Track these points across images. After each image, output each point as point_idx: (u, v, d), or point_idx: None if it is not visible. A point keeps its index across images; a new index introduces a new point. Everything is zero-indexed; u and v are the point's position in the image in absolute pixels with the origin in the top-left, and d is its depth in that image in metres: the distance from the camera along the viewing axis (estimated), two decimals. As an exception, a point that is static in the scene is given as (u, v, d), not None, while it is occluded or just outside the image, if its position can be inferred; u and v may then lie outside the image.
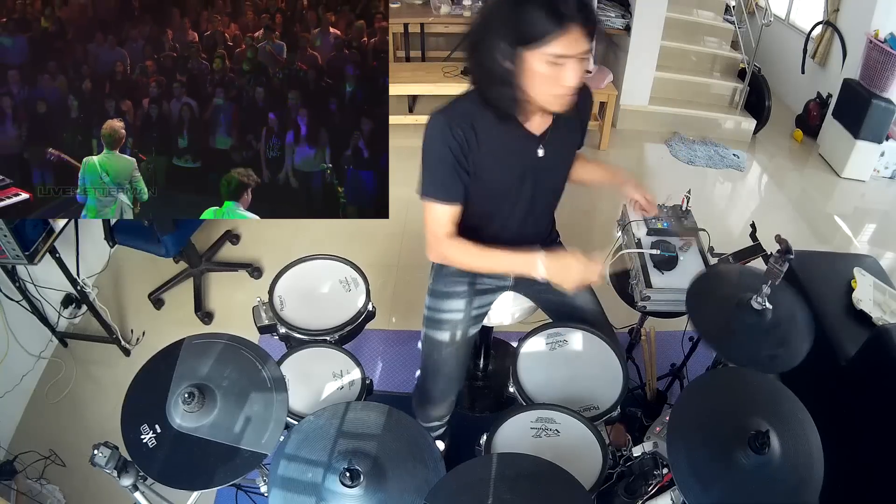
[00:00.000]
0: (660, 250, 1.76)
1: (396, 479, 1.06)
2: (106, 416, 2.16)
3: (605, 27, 3.84)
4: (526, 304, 1.70)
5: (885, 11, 3.51)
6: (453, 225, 1.36)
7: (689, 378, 2.07)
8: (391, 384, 2.33)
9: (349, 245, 2.83)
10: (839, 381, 1.84)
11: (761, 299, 1.40)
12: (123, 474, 1.14)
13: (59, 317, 2.43)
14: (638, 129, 4.18)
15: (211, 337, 1.26)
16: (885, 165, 3.80)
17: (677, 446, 1.07)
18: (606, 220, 3.20)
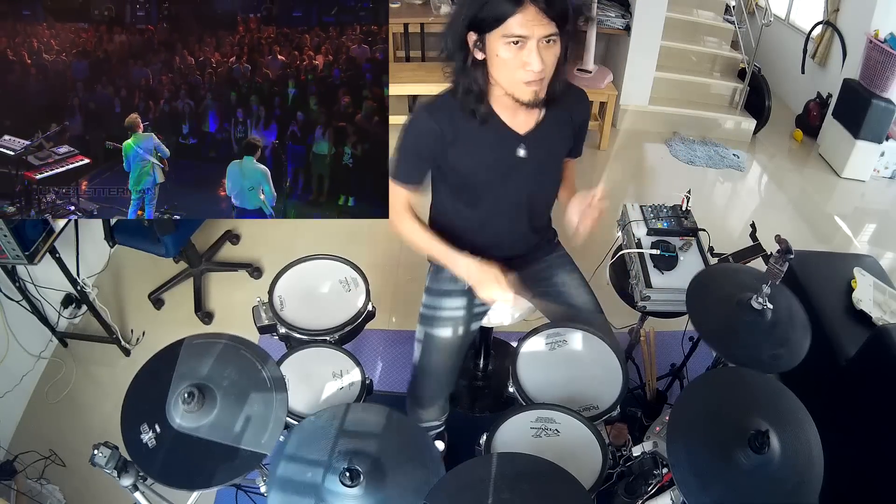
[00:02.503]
0: (660, 250, 1.76)
1: (396, 480, 1.06)
2: (106, 416, 2.17)
3: (605, 27, 3.84)
4: (526, 305, 1.70)
5: (885, 11, 3.51)
6: (408, 203, 1.43)
7: (689, 378, 2.07)
8: (391, 384, 2.33)
9: (349, 245, 2.82)
10: (839, 381, 1.84)
11: (761, 299, 1.40)
12: (123, 474, 1.14)
13: (59, 317, 2.43)
14: (638, 129, 4.17)
15: (211, 337, 1.26)
16: (885, 165, 3.80)
17: (677, 446, 1.07)
18: (606, 220, 3.20)
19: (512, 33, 1.15)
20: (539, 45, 1.16)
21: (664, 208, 1.91)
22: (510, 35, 1.15)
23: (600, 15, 3.79)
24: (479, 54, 1.22)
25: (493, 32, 1.16)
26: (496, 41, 1.17)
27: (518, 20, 1.13)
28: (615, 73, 3.94)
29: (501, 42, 1.17)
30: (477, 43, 1.21)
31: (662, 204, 1.92)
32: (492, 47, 1.19)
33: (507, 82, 1.23)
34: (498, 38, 1.17)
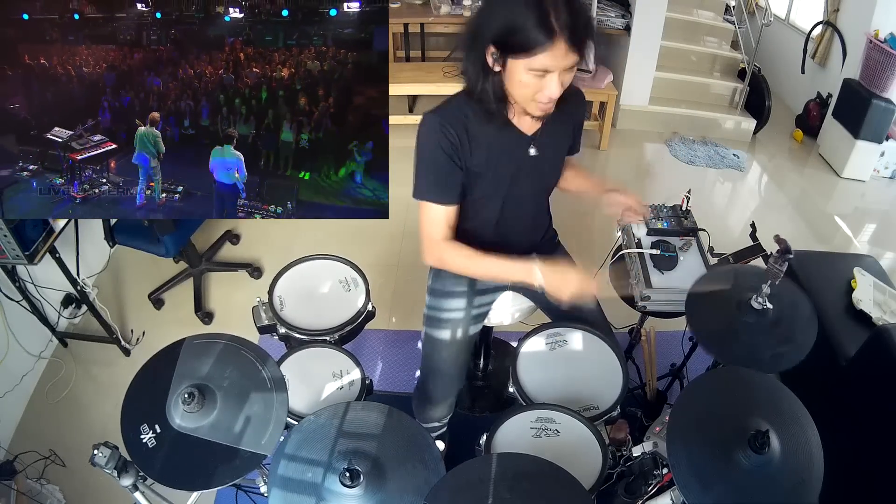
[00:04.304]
0: (660, 250, 1.76)
1: (396, 479, 1.06)
2: (106, 416, 2.17)
3: (605, 27, 3.84)
4: (526, 305, 1.70)
5: (885, 11, 3.51)
6: (450, 227, 1.35)
7: (689, 378, 2.07)
8: (391, 384, 2.33)
9: (349, 245, 2.83)
10: (839, 381, 1.84)
11: (761, 299, 1.40)
12: (123, 474, 1.14)
13: (59, 317, 2.43)
14: (638, 129, 4.18)
15: (211, 337, 1.26)
16: (885, 165, 3.80)
17: (677, 446, 1.07)
18: (606, 220, 3.21)
19: (538, 67, 1.12)
20: (560, 74, 1.14)
21: (664, 208, 1.91)
22: (536, 69, 1.12)
23: (600, 15, 3.79)
24: (497, 66, 1.17)
25: (517, 59, 1.12)
26: (519, 67, 1.13)
27: (548, 56, 1.10)
28: (615, 73, 3.94)
29: (524, 69, 1.13)
30: (496, 56, 1.15)
31: (662, 204, 1.92)
32: (513, 70, 1.15)
33: (521, 100, 1.21)
34: (521, 64, 1.13)
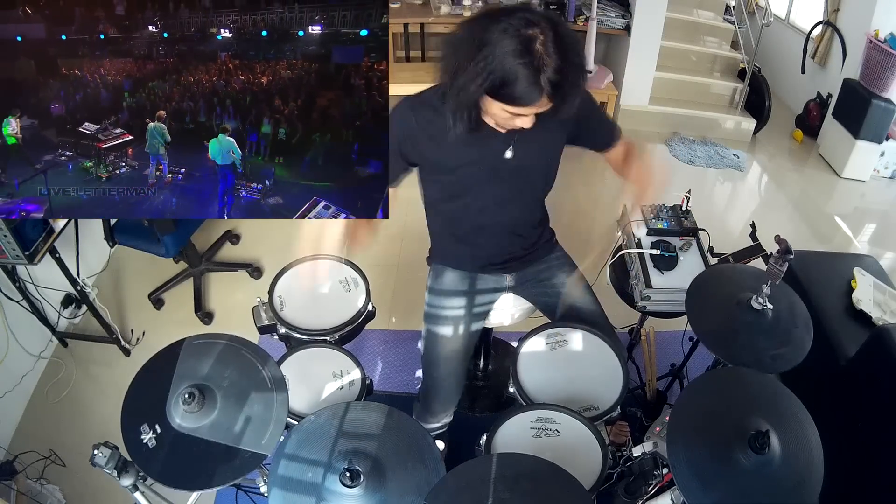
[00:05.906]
0: (660, 250, 1.76)
1: (396, 479, 1.06)
2: (106, 416, 2.16)
3: (605, 27, 3.84)
4: (525, 305, 1.70)
5: (885, 11, 3.51)
6: None
7: (689, 378, 2.07)
8: (391, 384, 2.33)
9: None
10: (839, 381, 1.84)
11: (761, 299, 1.40)
12: (123, 474, 1.14)
13: (59, 317, 2.43)
14: (638, 129, 4.17)
15: (211, 337, 1.26)
16: (885, 165, 3.80)
17: (677, 446, 1.07)
18: (606, 220, 3.21)
19: (514, 113, 1.13)
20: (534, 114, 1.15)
21: (664, 208, 1.91)
22: (513, 113, 1.13)
23: (600, 15, 3.79)
24: (473, 88, 1.13)
25: (497, 100, 1.12)
26: (495, 105, 1.13)
27: (528, 108, 1.12)
28: (615, 73, 3.95)
29: (499, 108, 1.13)
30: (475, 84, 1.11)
31: (662, 204, 1.92)
32: (489, 102, 1.14)
33: (494, 122, 1.24)
34: (498, 105, 1.13)
